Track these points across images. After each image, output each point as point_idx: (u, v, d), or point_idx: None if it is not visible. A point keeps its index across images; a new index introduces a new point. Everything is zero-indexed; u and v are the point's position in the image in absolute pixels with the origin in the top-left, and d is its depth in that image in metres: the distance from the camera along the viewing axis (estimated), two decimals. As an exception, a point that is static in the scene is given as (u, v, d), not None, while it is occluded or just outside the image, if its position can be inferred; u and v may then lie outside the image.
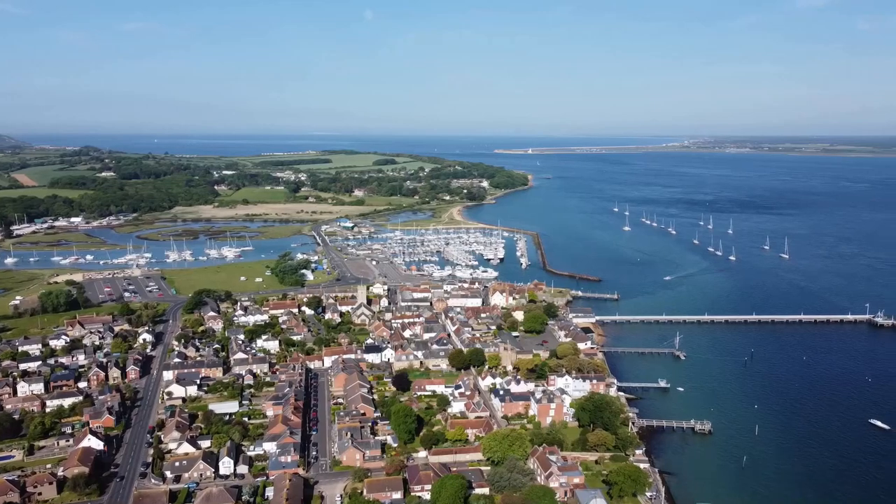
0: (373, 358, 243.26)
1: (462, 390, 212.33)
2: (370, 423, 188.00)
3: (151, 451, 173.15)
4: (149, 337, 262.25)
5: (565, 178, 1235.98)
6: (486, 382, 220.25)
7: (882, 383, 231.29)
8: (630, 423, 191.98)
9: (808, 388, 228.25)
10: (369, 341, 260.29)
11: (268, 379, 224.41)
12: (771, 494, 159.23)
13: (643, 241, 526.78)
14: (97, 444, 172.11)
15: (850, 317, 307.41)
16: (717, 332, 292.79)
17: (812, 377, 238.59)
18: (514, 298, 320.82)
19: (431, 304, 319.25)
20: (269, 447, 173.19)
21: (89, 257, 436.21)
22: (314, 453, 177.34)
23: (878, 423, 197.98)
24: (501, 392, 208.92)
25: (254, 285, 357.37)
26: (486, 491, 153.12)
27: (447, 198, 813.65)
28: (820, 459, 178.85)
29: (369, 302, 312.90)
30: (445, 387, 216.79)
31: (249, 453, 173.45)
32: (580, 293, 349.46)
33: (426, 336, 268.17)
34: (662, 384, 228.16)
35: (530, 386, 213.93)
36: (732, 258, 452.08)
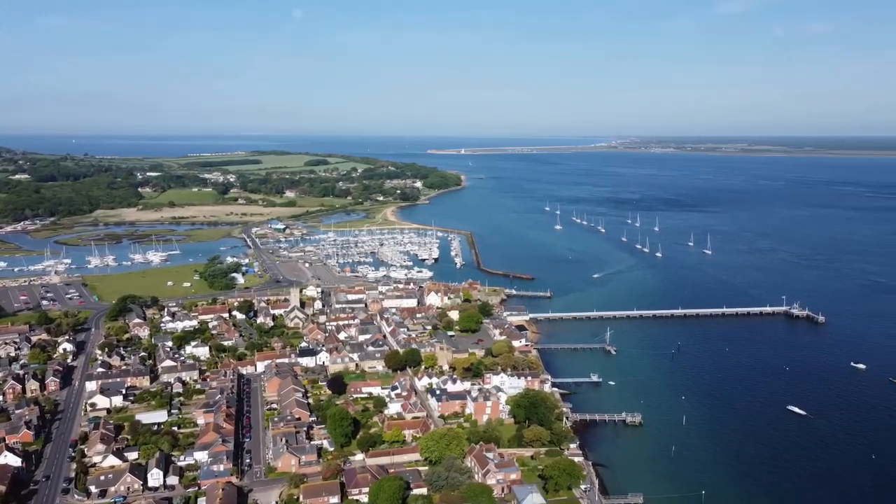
0: (307, 361, 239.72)
1: (398, 391, 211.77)
2: (305, 428, 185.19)
3: (74, 466, 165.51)
4: (69, 346, 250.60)
5: (498, 177, 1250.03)
6: (422, 383, 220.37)
7: (798, 371, 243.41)
8: (564, 418, 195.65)
9: (731, 378, 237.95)
10: (303, 345, 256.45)
11: (198, 386, 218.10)
12: (698, 481, 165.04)
13: (574, 240, 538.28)
14: (14, 461, 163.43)
15: (768, 309, 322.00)
16: (646, 327, 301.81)
17: (734, 367, 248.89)
18: (449, 298, 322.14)
19: (366, 305, 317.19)
20: (201, 456, 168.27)
21: (2, 264, 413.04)
22: (248, 461, 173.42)
23: (796, 410, 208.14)
24: (438, 392, 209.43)
25: (182, 290, 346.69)
26: (424, 491, 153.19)
27: (381, 198, 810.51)
28: (743, 445, 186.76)
29: (303, 305, 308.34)
30: (382, 388, 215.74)
31: (180, 463, 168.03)
32: (514, 291, 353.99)
33: (361, 338, 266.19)
34: (595, 379, 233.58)
35: (466, 385, 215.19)
36: (659, 255, 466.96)
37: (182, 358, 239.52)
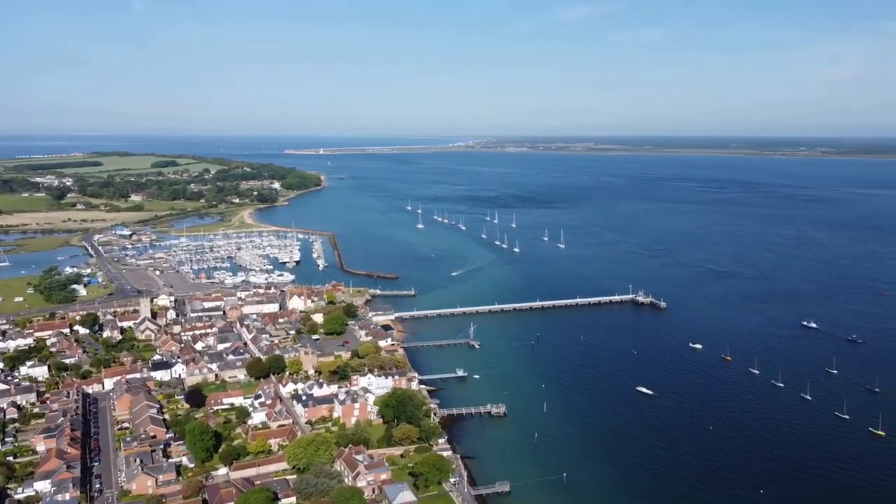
0: (162, 375, 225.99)
1: (263, 400, 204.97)
2: (162, 446, 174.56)
3: None
4: None
5: (358, 177, 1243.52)
6: (287, 389, 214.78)
7: (644, 354, 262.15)
8: (432, 414, 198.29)
9: (586, 364, 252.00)
10: (157, 357, 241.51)
11: (36, 410, 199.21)
12: (560, 464, 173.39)
13: (436, 238, 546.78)
14: None
15: (616, 298, 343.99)
16: (507, 320, 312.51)
17: (589, 354, 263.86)
18: (312, 301, 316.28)
19: (225, 312, 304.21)
20: (43, 486, 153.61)
21: None
22: (98, 486, 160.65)
23: (644, 390, 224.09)
24: (304, 397, 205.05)
25: (13, 305, 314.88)
26: (293, 500, 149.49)
27: (236, 200, 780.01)
28: (599, 426, 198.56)
29: (154, 315, 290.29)
30: (244, 398, 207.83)
31: (17, 496, 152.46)
32: (379, 291, 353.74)
33: (220, 347, 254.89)
34: (460, 373, 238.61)
35: (334, 388, 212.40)
36: (517, 250, 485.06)
37: (16, 380, 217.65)
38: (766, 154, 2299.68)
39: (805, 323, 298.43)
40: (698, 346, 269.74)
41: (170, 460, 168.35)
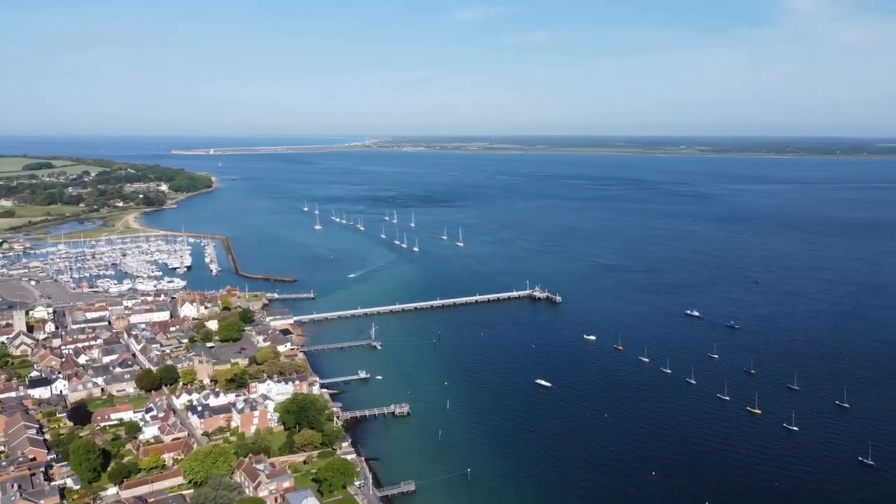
0: (41, 392, 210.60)
1: (154, 413, 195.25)
2: (43, 469, 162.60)
3: None
4: None
5: (252, 178, 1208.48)
6: (181, 400, 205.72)
7: (542, 347, 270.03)
8: (335, 418, 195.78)
9: (487, 360, 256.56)
10: (34, 374, 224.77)
11: None
12: (463, 460, 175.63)
13: (335, 239, 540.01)
14: None
15: (514, 293, 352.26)
16: (409, 320, 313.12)
17: (489, 349, 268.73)
18: (206, 307, 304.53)
19: (110, 323, 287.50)
20: None
21: None
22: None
23: (543, 382, 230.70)
24: (200, 408, 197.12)
25: None
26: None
27: (120, 204, 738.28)
28: (500, 420, 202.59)
29: (30, 329, 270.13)
30: (134, 412, 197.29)
31: None
32: (276, 295, 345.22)
33: (106, 359, 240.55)
34: (363, 375, 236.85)
35: (231, 397, 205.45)
36: (416, 249, 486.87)
37: None
38: (650, 153, 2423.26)
39: (688, 312, 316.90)
40: (592, 337, 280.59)
41: (52, 483, 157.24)
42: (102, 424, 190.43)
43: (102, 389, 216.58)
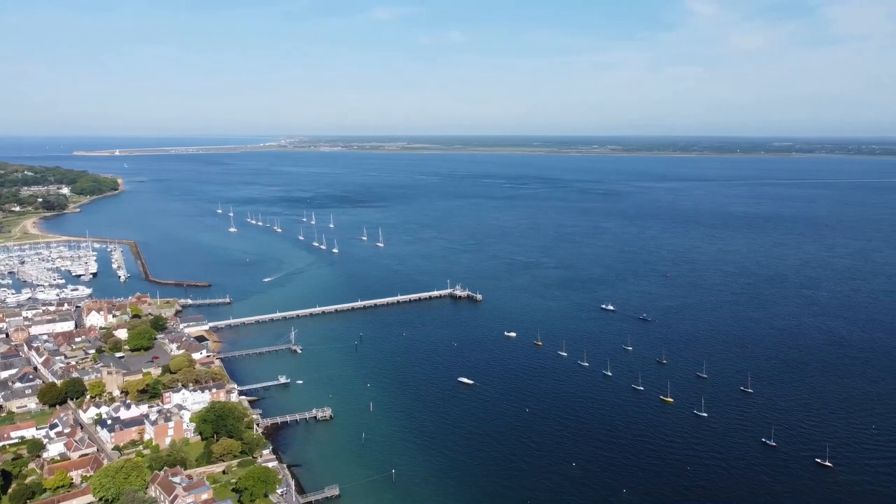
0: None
1: (60, 429, 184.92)
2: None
3: None
4: None
5: (161, 180, 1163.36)
6: (89, 414, 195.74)
7: (464, 346, 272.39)
8: (255, 425, 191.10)
9: (409, 360, 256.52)
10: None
11: None
12: (388, 462, 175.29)
13: (251, 241, 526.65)
14: None
15: (436, 293, 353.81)
16: (329, 322, 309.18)
17: (411, 349, 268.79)
18: (114, 316, 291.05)
19: (8, 335, 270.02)
20: None
21: None
22: None
23: (465, 380, 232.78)
24: (109, 421, 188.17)
25: None
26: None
27: (17, 209, 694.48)
28: (424, 420, 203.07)
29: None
30: (37, 429, 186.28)
31: None
32: (190, 301, 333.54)
33: (4, 374, 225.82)
34: (283, 380, 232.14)
35: (144, 408, 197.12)
36: (335, 251, 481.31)
37: None
38: (564, 152, 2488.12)
39: (603, 306, 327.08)
40: (512, 334, 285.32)
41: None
42: (2, 444, 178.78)
43: (1, 406, 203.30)
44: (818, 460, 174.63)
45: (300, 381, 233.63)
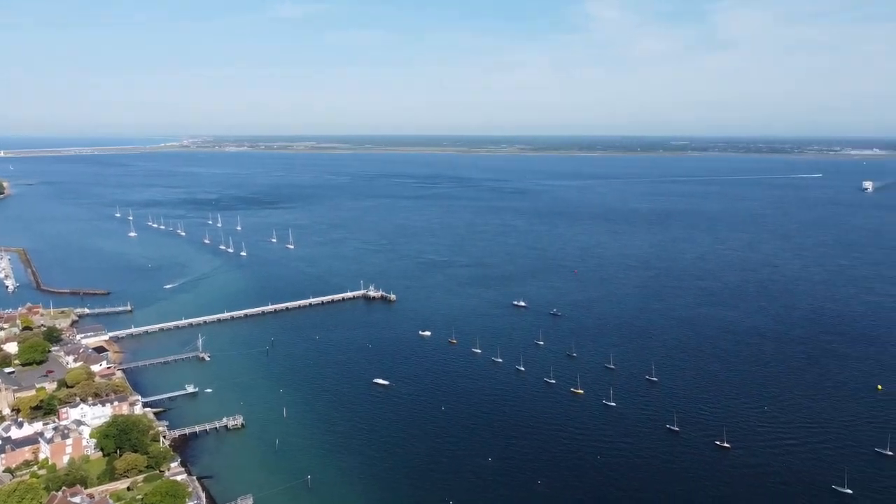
0: None
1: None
2: None
3: None
4: None
5: (53, 182, 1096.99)
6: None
7: (379, 347, 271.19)
8: (161, 438, 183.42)
9: (323, 363, 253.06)
10: None
11: None
12: (303, 468, 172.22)
13: (153, 246, 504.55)
14: None
15: (349, 294, 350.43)
16: (239, 327, 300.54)
17: (325, 352, 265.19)
18: (2, 329, 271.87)
19: None
20: None
21: None
22: None
23: (381, 381, 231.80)
24: (0, 442, 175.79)
25: None
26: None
27: None
28: (339, 423, 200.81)
29: None
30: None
31: None
32: (87, 310, 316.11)
33: None
34: (191, 389, 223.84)
35: (38, 426, 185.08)
36: (244, 254, 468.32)
37: None
38: (474, 151, 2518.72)
39: (515, 302, 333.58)
40: (427, 333, 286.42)
41: None
42: None
43: None
44: (717, 442, 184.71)
45: (209, 390, 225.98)
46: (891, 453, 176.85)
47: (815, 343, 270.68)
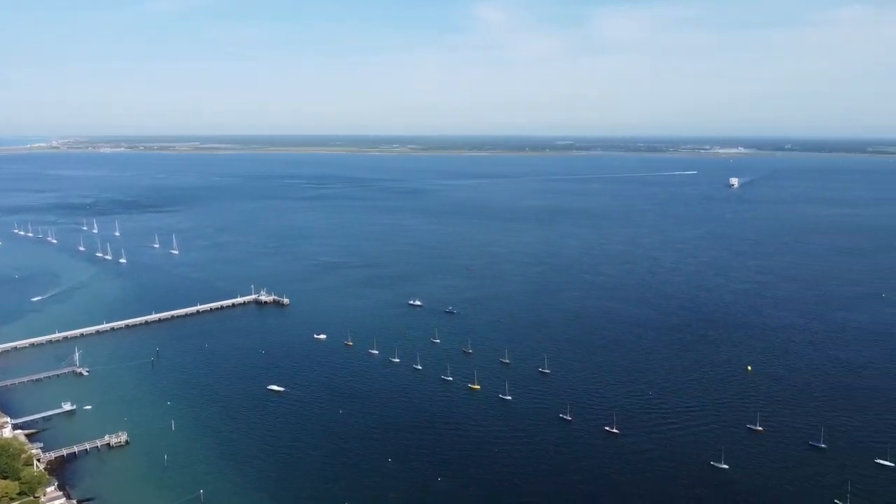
0: None
1: None
2: None
3: None
4: None
5: None
6: None
7: (272, 352, 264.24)
8: (35, 461, 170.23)
9: (214, 372, 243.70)
10: None
11: None
12: (195, 481, 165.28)
13: (20, 255, 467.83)
14: None
15: (239, 299, 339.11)
16: (120, 339, 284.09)
17: (215, 361, 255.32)
18: None
19: None
20: None
21: None
22: None
23: (275, 388, 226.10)
24: None
25: None
26: None
27: None
28: (233, 433, 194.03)
29: None
30: None
31: None
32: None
33: None
34: (67, 407, 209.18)
35: None
36: (123, 261, 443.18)
37: None
38: (366, 151, 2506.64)
39: (411, 302, 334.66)
40: (322, 336, 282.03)
41: None
42: None
43: None
44: (607, 428, 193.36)
45: (88, 407, 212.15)
46: (760, 429, 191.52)
47: (691, 330, 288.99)
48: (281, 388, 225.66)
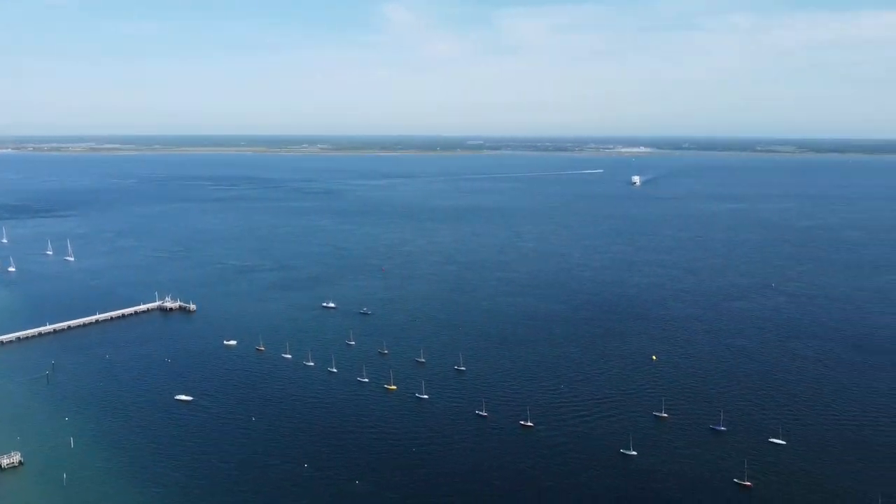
0: None
1: None
2: None
3: None
4: None
5: None
6: None
7: (179, 361, 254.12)
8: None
9: (116, 384, 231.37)
10: None
11: None
12: (97, 499, 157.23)
13: None
14: None
15: (142, 307, 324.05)
16: (10, 353, 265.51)
17: (117, 372, 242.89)
18: None
19: None
20: None
21: None
22: None
23: (183, 397, 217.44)
24: None
25: None
26: None
27: None
28: (138, 447, 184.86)
29: None
30: None
31: None
32: None
33: None
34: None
35: None
36: (12, 269, 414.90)
37: None
38: (274, 151, 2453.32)
39: (324, 304, 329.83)
40: (232, 342, 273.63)
41: None
42: None
43: None
44: (522, 422, 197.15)
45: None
46: (665, 415, 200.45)
47: (599, 323, 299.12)
48: (189, 398, 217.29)
